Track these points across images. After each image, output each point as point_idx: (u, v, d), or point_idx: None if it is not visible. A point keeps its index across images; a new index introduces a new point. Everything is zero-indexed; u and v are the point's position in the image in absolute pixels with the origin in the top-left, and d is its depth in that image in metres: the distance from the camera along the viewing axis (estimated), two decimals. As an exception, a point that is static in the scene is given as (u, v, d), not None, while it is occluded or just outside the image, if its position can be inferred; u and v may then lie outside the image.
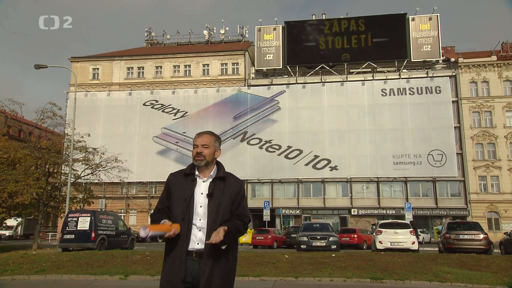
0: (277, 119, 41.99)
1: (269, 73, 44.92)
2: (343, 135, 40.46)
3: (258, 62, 44.65)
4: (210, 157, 2.78)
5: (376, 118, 40.39)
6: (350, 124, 40.55)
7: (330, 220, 36.46)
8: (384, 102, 40.77)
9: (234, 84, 44.20)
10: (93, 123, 42.11)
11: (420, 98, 40.40)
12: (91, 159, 23.58)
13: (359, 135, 40.27)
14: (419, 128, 39.47)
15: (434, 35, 42.19)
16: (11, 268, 11.57)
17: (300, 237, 18.61)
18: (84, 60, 46.81)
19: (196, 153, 2.77)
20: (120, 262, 11.90)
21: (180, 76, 45.64)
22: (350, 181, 39.96)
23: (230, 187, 2.77)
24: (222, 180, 2.76)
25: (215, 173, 2.80)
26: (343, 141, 40.32)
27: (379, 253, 14.75)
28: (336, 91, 41.83)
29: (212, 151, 2.81)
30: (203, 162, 2.75)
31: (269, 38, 44.54)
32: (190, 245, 2.63)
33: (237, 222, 2.73)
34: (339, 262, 11.63)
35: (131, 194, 43.15)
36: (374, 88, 41.34)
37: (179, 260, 2.61)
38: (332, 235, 18.57)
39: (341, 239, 21.38)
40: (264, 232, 26.24)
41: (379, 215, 38.73)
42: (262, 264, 11.58)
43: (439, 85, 40.66)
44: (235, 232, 2.69)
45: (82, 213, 18.53)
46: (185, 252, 2.61)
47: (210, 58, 45.58)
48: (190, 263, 2.62)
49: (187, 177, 2.77)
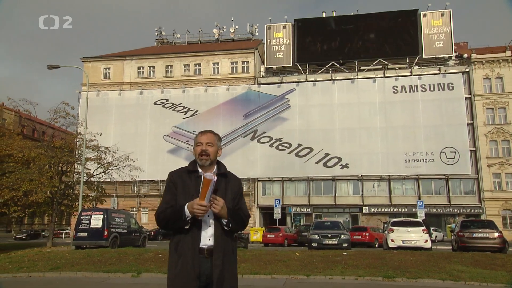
0: (287, 117, 41.89)
1: (279, 71, 44.79)
2: (354, 133, 40.19)
3: (268, 60, 44.56)
4: (214, 156, 2.76)
5: (387, 116, 40.04)
6: (361, 122, 40.26)
7: (341, 218, 36.25)
8: (395, 99, 40.39)
9: (244, 82, 44.20)
10: (105, 122, 42.50)
11: (432, 95, 39.92)
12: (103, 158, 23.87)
13: (370, 132, 39.97)
14: (431, 125, 39.00)
15: (447, 31, 41.61)
16: (26, 265, 11.79)
17: (311, 235, 18.55)
18: (96, 60, 47.29)
19: (201, 150, 2.74)
20: (132, 260, 12.01)
21: (191, 75, 45.80)
22: (361, 179, 39.71)
23: (232, 184, 2.77)
24: (224, 177, 2.75)
25: (217, 171, 2.78)
26: (354, 139, 40.05)
27: (391, 251, 14.65)
28: (347, 88, 41.57)
29: (216, 150, 2.78)
30: (208, 161, 2.73)
31: (279, 36, 44.41)
32: (202, 242, 2.61)
33: (240, 213, 2.73)
34: (350, 261, 11.57)
35: (143, 192, 43.51)
36: (386, 85, 40.97)
37: (192, 258, 2.57)
38: (343, 233, 18.48)
39: (352, 237, 21.23)
40: (275, 230, 26.27)
41: (390, 213, 38.39)
42: (273, 262, 11.57)
43: (452, 81, 40.10)
44: (238, 217, 2.68)
45: (95, 211, 18.74)
46: (198, 249, 2.59)
47: (220, 56, 45.64)
48: (202, 261, 2.59)
49: (191, 174, 2.74)
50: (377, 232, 26.26)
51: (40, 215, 32.84)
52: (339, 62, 42.99)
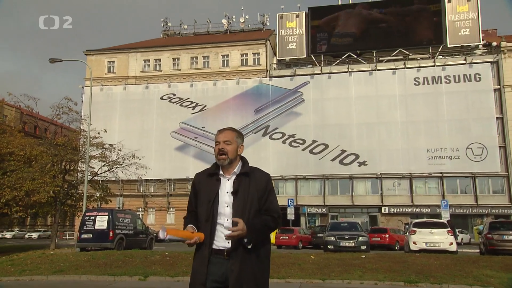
0: (301, 112, 41.77)
1: (292, 63, 44.65)
2: (372, 128, 39.90)
3: (280, 52, 44.43)
4: (233, 154, 2.78)
5: (408, 109, 39.64)
6: (380, 116, 39.94)
7: (359, 219, 35.99)
8: (417, 92, 39.94)
9: (255, 75, 44.17)
10: (109, 118, 42.92)
11: (458, 86, 39.36)
12: (108, 156, 24.08)
13: (390, 127, 39.64)
14: (456, 119, 38.47)
15: (474, 17, 40.92)
16: (29, 268, 11.97)
17: (327, 237, 18.57)
18: (99, 53, 47.73)
19: (218, 150, 2.77)
20: (139, 263, 12.11)
21: (198, 68, 45.94)
22: (380, 177, 39.44)
23: (257, 182, 2.75)
24: (246, 176, 2.76)
25: (239, 169, 2.80)
26: (372, 135, 39.78)
27: (413, 254, 14.54)
28: (365, 81, 41.24)
29: (235, 148, 2.80)
30: (226, 161, 2.76)
31: (291, 26, 44.24)
32: (221, 243, 2.66)
33: (265, 217, 2.72)
34: (369, 264, 11.49)
35: (149, 192, 43.89)
36: (406, 77, 40.54)
37: (201, 263, 2.67)
38: (361, 235, 18.48)
39: (371, 239, 21.20)
40: (289, 231, 26.26)
41: (412, 213, 38.09)
42: (287, 265, 11.55)
43: (479, 72, 39.47)
44: (263, 228, 2.68)
45: (100, 211, 18.92)
46: (208, 254, 2.66)
47: (229, 48, 45.67)
48: (220, 262, 2.66)
49: (212, 177, 2.80)
50: (398, 233, 26.15)
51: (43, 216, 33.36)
52: (356, 53, 42.65)
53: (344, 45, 42.82)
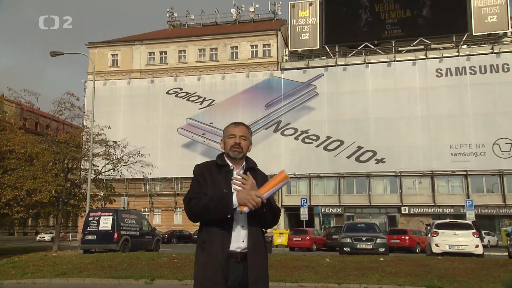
0: (314, 107, 41.63)
1: (305, 55, 44.49)
2: (391, 123, 39.62)
3: (292, 43, 44.29)
4: (246, 150, 2.87)
5: (430, 103, 39.25)
6: (399, 111, 39.63)
7: (377, 220, 35.92)
8: (439, 84, 39.51)
9: (265, 68, 44.11)
10: (113, 114, 43.27)
11: (484, 78, 38.83)
12: (112, 154, 24.27)
13: (410, 122, 39.31)
14: (482, 113, 37.97)
15: (501, 3, 40.32)
16: (31, 270, 12.13)
17: (342, 239, 18.58)
18: (102, 46, 48.09)
19: (234, 143, 2.82)
20: (145, 265, 12.21)
21: (206, 61, 46.02)
22: (399, 175, 39.19)
23: (260, 179, 2.82)
24: (254, 171, 2.84)
25: (246, 165, 2.89)
26: (391, 130, 39.52)
27: (435, 257, 14.46)
28: (383, 73, 40.95)
29: (248, 144, 2.90)
30: (240, 154, 2.82)
31: (304, 15, 44.05)
32: (234, 245, 2.64)
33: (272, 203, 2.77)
34: (388, 267, 11.45)
35: (155, 191, 44.20)
36: (428, 68, 40.12)
37: (222, 262, 2.59)
38: (379, 237, 18.44)
39: (390, 241, 21.09)
40: (302, 233, 26.29)
41: (434, 214, 37.82)
42: (300, 268, 11.56)
43: (507, 62, 38.91)
44: (270, 206, 2.69)
45: (104, 212, 19.12)
46: (227, 253, 2.61)
47: (238, 39, 45.65)
48: (234, 266, 2.62)
49: (221, 168, 2.80)
50: (419, 235, 26.02)
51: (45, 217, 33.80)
52: (374, 43, 42.33)
53: (361, 35, 42.50)
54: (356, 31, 42.82)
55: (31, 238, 47.49)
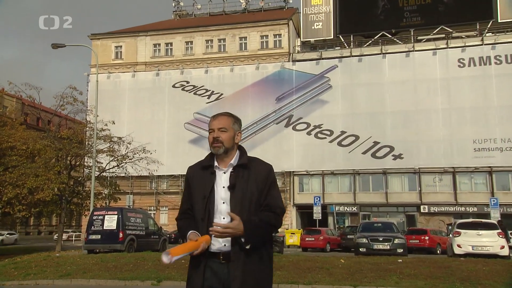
0: (328, 100, 41.46)
1: (317, 45, 44.31)
2: (409, 117, 39.33)
3: (304, 33, 44.10)
4: (229, 143, 2.77)
5: (451, 95, 38.87)
6: (418, 103, 39.31)
7: (394, 219, 35.79)
8: (461, 75, 39.08)
9: (276, 59, 43.99)
10: (117, 109, 43.53)
11: (510, 68, 38.34)
12: (117, 150, 24.47)
13: (430, 116, 38.98)
14: (508, 105, 37.49)
15: (529, -14, 39.67)
16: (34, 271, 12.29)
17: (358, 239, 18.61)
18: (105, 37, 48.35)
19: (212, 138, 2.78)
20: (151, 266, 12.29)
21: (214, 52, 46.02)
22: (418, 172, 38.93)
23: (256, 175, 2.73)
24: (244, 168, 2.74)
25: (236, 161, 2.78)
26: (409, 124, 39.24)
27: (457, 259, 14.35)
28: (400, 63, 40.62)
29: (231, 135, 2.79)
30: (221, 149, 2.76)
31: (317, 3, 43.84)
32: (215, 246, 2.65)
33: (266, 214, 2.70)
34: (407, 269, 11.39)
35: (161, 189, 44.46)
36: (449, 58, 39.70)
37: (196, 269, 2.67)
38: (397, 237, 18.40)
39: (408, 242, 21.05)
40: (315, 232, 26.33)
41: (456, 213, 37.41)
42: (313, 269, 11.55)
43: (535, 51, 38.37)
44: (263, 226, 2.65)
45: (109, 210, 19.29)
46: (205, 256, 2.64)
47: (248, 30, 45.56)
48: (217, 267, 2.65)
49: (206, 170, 2.79)
50: (440, 235, 25.92)
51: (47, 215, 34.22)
52: (391, 32, 41.97)
53: (377, 24, 42.15)
54: (373, 20, 42.46)
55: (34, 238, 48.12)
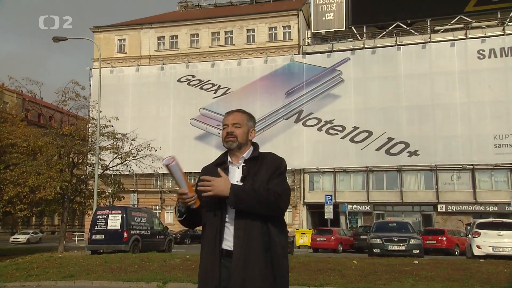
0: (339, 94, 41.35)
1: (329, 37, 44.17)
2: (426, 112, 39.14)
3: (315, 24, 43.97)
4: (242, 138, 2.87)
5: (470, 88, 38.60)
6: (435, 97, 39.09)
7: (410, 219, 35.75)
8: (481, 67, 38.78)
9: (285, 52, 43.91)
10: (121, 104, 43.75)
11: (533, 59, 38.03)
12: (120, 147, 24.59)
13: (447, 110, 38.76)
14: (531, 99, 37.21)
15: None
16: (36, 272, 12.41)
17: (372, 239, 18.61)
18: (108, 30, 48.57)
19: (226, 133, 2.88)
20: (157, 267, 12.35)
21: (220, 45, 46.03)
22: (435, 169, 38.75)
23: (268, 165, 2.80)
24: (256, 160, 2.83)
25: (248, 155, 2.87)
26: (426, 119, 39.08)
27: (477, 260, 14.26)
28: (416, 55, 40.40)
29: (245, 131, 2.90)
30: (234, 143, 2.85)
31: (328, -8, 43.70)
32: (230, 243, 2.69)
33: (266, 189, 2.69)
34: (423, 271, 11.34)
35: (167, 187, 44.64)
36: (468, 49, 39.40)
37: (212, 264, 2.70)
38: (413, 237, 18.39)
39: (425, 242, 21.08)
40: (326, 232, 26.38)
41: (475, 212, 37.26)
42: (325, 271, 11.54)
43: (559, 41, 37.96)
44: (253, 193, 2.63)
45: (112, 210, 19.43)
46: (218, 253, 2.69)
47: (256, 21, 45.50)
48: (226, 264, 2.67)
49: (219, 167, 2.85)
50: (458, 236, 25.80)
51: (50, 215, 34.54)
52: (406, 22, 41.70)
53: (392, 13, 41.89)
54: (387, 10, 42.19)
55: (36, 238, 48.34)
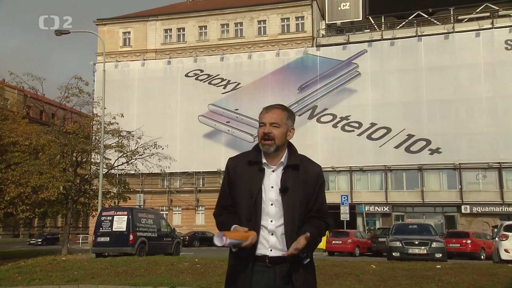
0: (356, 89, 41.22)
1: (344, 28, 44.03)
2: (448, 107, 38.88)
3: (330, 14, 43.82)
4: (280, 140, 2.76)
5: (497, 81, 38.34)
6: (459, 91, 38.81)
7: (432, 220, 35.53)
8: (509, 59, 38.51)
9: (298, 44, 43.84)
10: (126, 101, 44.04)
11: None
12: (126, 145, 24.72)
13: (472, 105, 38.49)
14: None
15: None
16: (38, 276, 12.53)
17: (391, 242, 18.49)
18: (113, 23, 48.85)
19: (262, 134, 2.76)
20: (164, 271, 12.41)
21: (230, 38, 46.05)
22: (459, 167, 38.49)
23: (307, 176, 2.77)
24: (296, 169, 2.76)
25: (286, 160, 2.79)
26: (448, 115, 38.86)
27: (504, 265, 14.11)
28: (438, 47, 40.12)
29: (284, 132, 2.78)
30: (272, 147, 2.74)
31: (344, -19, 43.55)
32: (262, 251, 2.70)
33: (319, 224, 2.76)
34: (447, 276, 11.22)
35: (174, 187, 44.83)
36: (495, 40, 39.15)
37: (244, 271, 2.68)
38: (435, 240, 18.23)
39: (448, 246, 20.87)
40: (343, 235, 26.24)
41: (502, 213, 37.02)
42: (341, 276, 11.50)
43: None
44: (318, 237, 2.72)
45: (118, 211, 19.52)
46: (252, 260, 2.68)
47: (267, 12, 45.45)
48: (263, 270, 2.69)
49: (253, 166, 2.77)
50: (484, 239, 25.56)
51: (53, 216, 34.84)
52: (427, 11, 41.37)
53: (412, 2, 41.56)
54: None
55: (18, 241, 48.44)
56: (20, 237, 52.25)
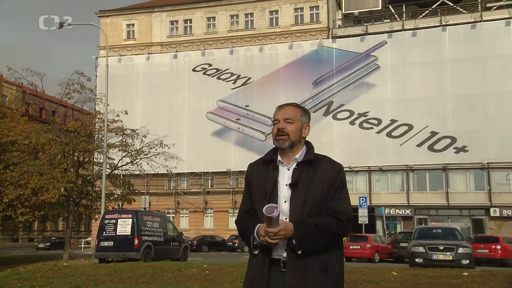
0: (375, 83, 41.10)
1: (362, 18, 43.99)
2: (476, 102, 38.65)
3: (346, 4, 43.81)
4: (295, 136, 2.86)
5: (528, 74, 37.95)
6: (487, 85, 38.60)
7: (458, 224, 35.31)
8: (542, 49, 38.19)
9: (313, 36, 43.74)
10: (130, 97, 44.27)
11: None
12: (130, 144, 24.82)
13: (502, 100, 38.24)
14: None
15: None
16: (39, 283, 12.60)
17: (413, 247, 18.43)
18: (115, 14, 49.13)
19: (277, 129, 2.87)
20: (171, 277, 12.43)
21: (240, 30, 46.06)
22: (487, 167, 38.25)
23: (323, 174, 2.81)
24: (310, 165, 2.83)
25: (301, 156, 2.87)
26: (476, 111, 38.62)
27: (536, 272, 13.91)
28: (464, 37, 39.90)
29: (298, 128, 2.89)
30: (286, 142, 2.84)
31: (362, -33, 43.42)
32: (277, 252, 2.75)
33: (327, 219, 2.74)
34: (475, 284, 11.15)
35: (181, 188, 44.98)
36: (526, 29, 38.75)
37: (261, 273, 2.74)
38: (462, 245, 18.08)
39: (475, 251, 20.67)
40: (361, 239, 26.20)
41: (534, 217, 36.67)
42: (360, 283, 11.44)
43: None
44: (318, 231, 2.69)
45: (122, 213, 19.66)
46: (268, 261, 2.74)
47: (279, 2, 45.42)
48: (277, 275, 2.73)
49: (268, 165, 2.89)
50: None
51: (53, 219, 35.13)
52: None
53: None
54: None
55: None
56: (19, 241, 52.76)
